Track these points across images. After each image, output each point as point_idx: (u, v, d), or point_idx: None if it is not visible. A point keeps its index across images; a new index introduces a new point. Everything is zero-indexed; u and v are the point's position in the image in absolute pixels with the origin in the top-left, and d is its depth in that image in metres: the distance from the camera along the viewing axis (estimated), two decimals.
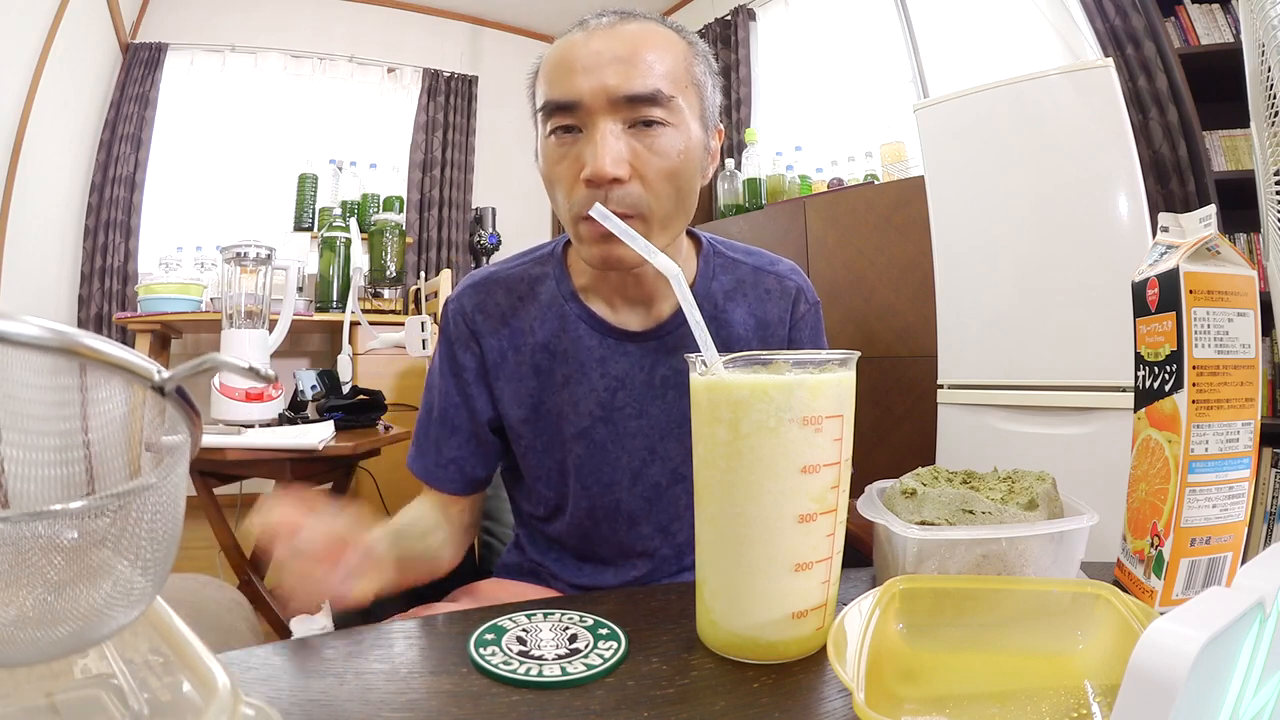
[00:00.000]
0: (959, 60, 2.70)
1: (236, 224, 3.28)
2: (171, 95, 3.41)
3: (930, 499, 0.52)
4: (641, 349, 0.71)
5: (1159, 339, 0.50)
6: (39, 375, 0.27)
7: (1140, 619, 0.39)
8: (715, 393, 0.44)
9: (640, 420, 0.71)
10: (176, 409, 0.30)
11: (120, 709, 0.30)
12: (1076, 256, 1.62)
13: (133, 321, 2.72)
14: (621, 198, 0.60)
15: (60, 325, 0.25)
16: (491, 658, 0.43)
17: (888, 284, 2.26)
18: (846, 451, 0.45)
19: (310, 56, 3.73)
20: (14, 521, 0.25)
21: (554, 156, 0.63)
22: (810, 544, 0.43)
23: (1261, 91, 0.64)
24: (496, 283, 0.74)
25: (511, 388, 0.73)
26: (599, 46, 0.60)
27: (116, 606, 0.28)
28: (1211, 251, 0.48)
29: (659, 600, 0.55)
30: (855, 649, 0.37)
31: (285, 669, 0.43)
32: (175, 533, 0.31)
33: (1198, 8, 2.05)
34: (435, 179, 3.88)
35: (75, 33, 2.79)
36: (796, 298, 0.76)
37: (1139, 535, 0.51)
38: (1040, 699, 0.38)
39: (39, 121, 2.62)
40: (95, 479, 0.29)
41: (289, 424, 1.77)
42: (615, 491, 0.72)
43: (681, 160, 0.62)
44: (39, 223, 2.80)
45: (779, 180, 2.94)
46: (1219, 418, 0.47)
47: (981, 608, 0.43)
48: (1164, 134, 2.02)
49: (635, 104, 0.60)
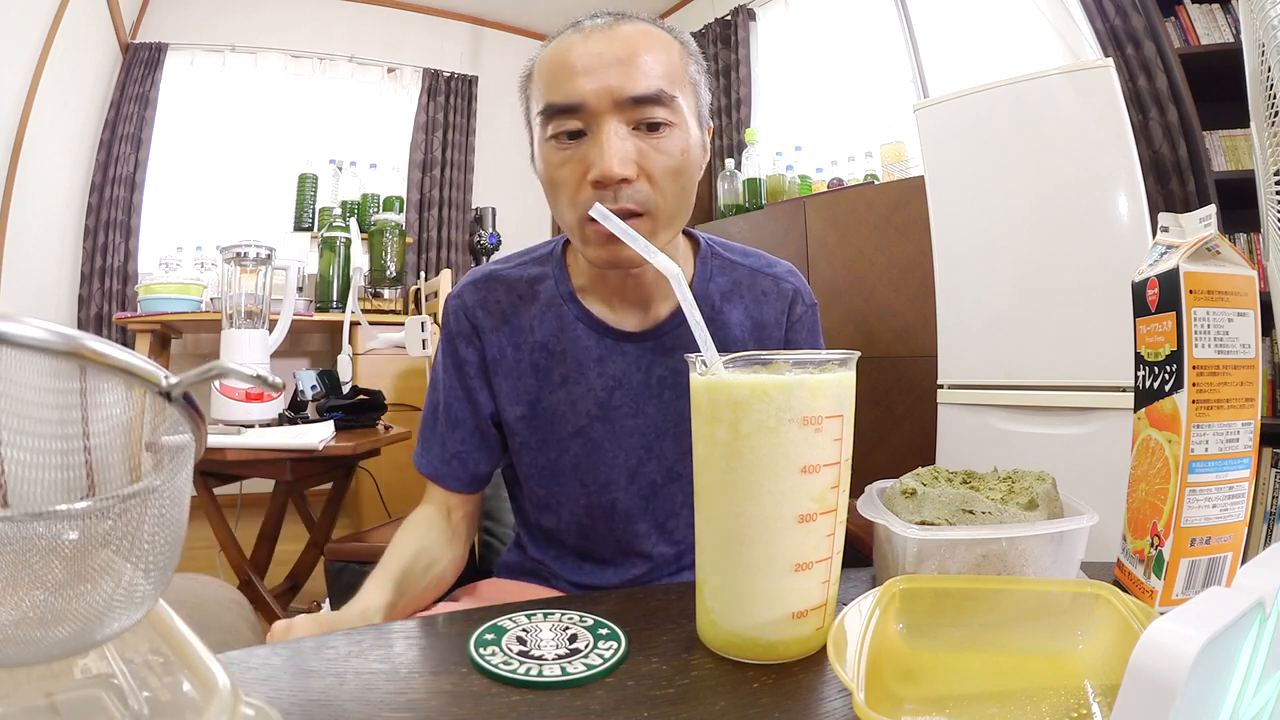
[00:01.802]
0: (959, 60, 2.70)
1: (236, 224, 3.28)
2: (171, 95, 3.42)
3: (930, 499, 0.52)
4: (639, 349, 0.72)
5: (1159, 339, 0.50)
6: (44, 378, 0.27)
7: (1140, 619, 0.39)
8: (715, 393, 0.44)
9: (637, 419, 0.72)
10: (183, 415, 0.30)
11: (120, 709, 0.30)
12: (1076, 256, 1.62)
13: (133, 321, 2.72)
14: (630, 196, 0.60)
15: (67, 329, 0.25)
16: (491, 658, 0.43)
17: (888, 284, 2.26)
18: (846, 451, 0.45)
19: (310, 56, 3.73)
20: (16, 521, 0.26)
21: (556, 160, 0.63)
22: (810, 544, 0.43)
23: (1261, 91, 0.64)
24: (497, 280, 0.75)
25: (510, 385, 0.73)
26: (598, 48, 0.60)
27: (119, 608, 0.28)
28: (1211, 251, 0.48)
29: (659, 600, 0.55)
30: (855, 649, 0.37)
31: (285, 669, 0.43)
32: (179, 535, 0.31)
33: (1198, 8, 2.05)
34: (435, 179, 3.88)
35: (75, 33, 2.79)
36: (793, 300, 0.77)
37: (1139, 535, 0.51)
38: (1040, 699, 0.38)
39: (39, 121, 2.62)
40: (98, 482, 0.29)
41: (289, 424, 1.77)
42: (612, 490, 0.73)
43: (685, 159, 0.63)
44: (39, 223, 2.80)
45: (779, 180, 2.94)
46: (1219, 418, 0.47)
47: (981, 608, 0.43)
48: (1164, 134, 2.02)
49: (639, 105, 0.60)
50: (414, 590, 0.67)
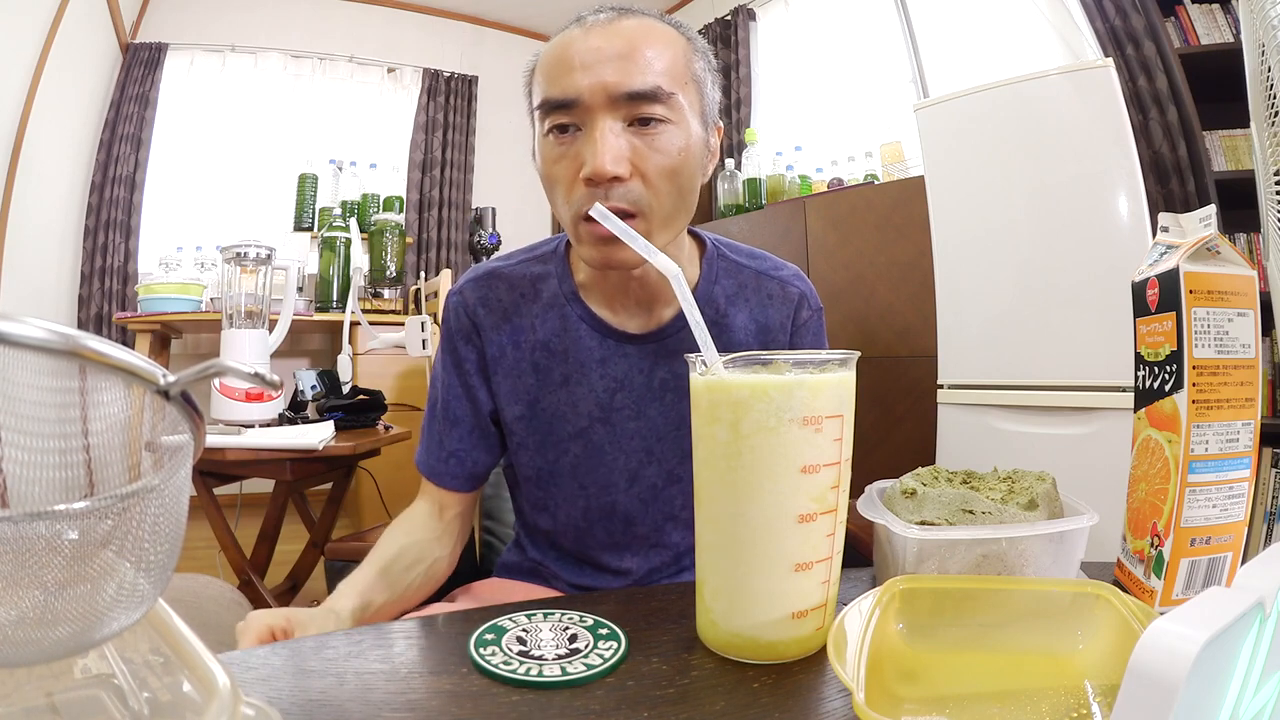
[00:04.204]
0: (959, 60, 2.70)
1: (236, 224, 3.28)
2: (171, 95, 3.42)
3: (930, 499, 0.52)
4: (641, 351, 0.71)
5: (1159, 339, 0.50)
6: (42, 377, 0.27)
7: (1140, 619, 0.39)
8: (715, 393, 0.44)
9: (638, 422, 0.71)
10: (181, 413, 0.30)
11: (120, 709, 0.30)
12: (1076, 256, 1.62)
13: (133, 321, 2.72)
14: (623, 195, 0.59)
15: (66, 328, 0.25)
16: (491, 658, 0.43)
17: (888, 284, 2.26)
18: (846, 451, 0.45)
19: (310, 56, 3.73)
20: (16, 521, 0.25)
21: (552, 155, 0.62)
22: (810, 544, 0.43)
23: (1261, 91, 0.64)
24: (499, 278, 0.74)
25: (509, 384, 0.73)
26: (597, 43, 0.59)
27: (119, 607, 0.28)
28: (1211, 251, 0.48)
29: (659, 600, 0.55)
30: (855, 649, 0.37)
31: (285, 669, 0.43)
32: (178, 535, 0.31)
33: (1198, 8, 2.05)
34: (435, 179, 3.88)
35: (75, 33, 2.79)
36: (799, 304, 0.76)
37: (1139, 535, 0.51)
38: (1040, 699, 0.38)
39: (39, 121, 2.62)
40: (97, 481, 0.29)
41: (289, 424, 1.77)
42: (612, 492, 0.72)
43: (682, 158, 0.61)
44: (39, 223, 2.80)
45: (779, 180, 2.94)
46: (1219, 418, 0.47)
47: (981, 608, 0.43)
48: (1164, 134, 2.02)
49: (635, 101, 0.59)
50: (397, 588, 0.67)
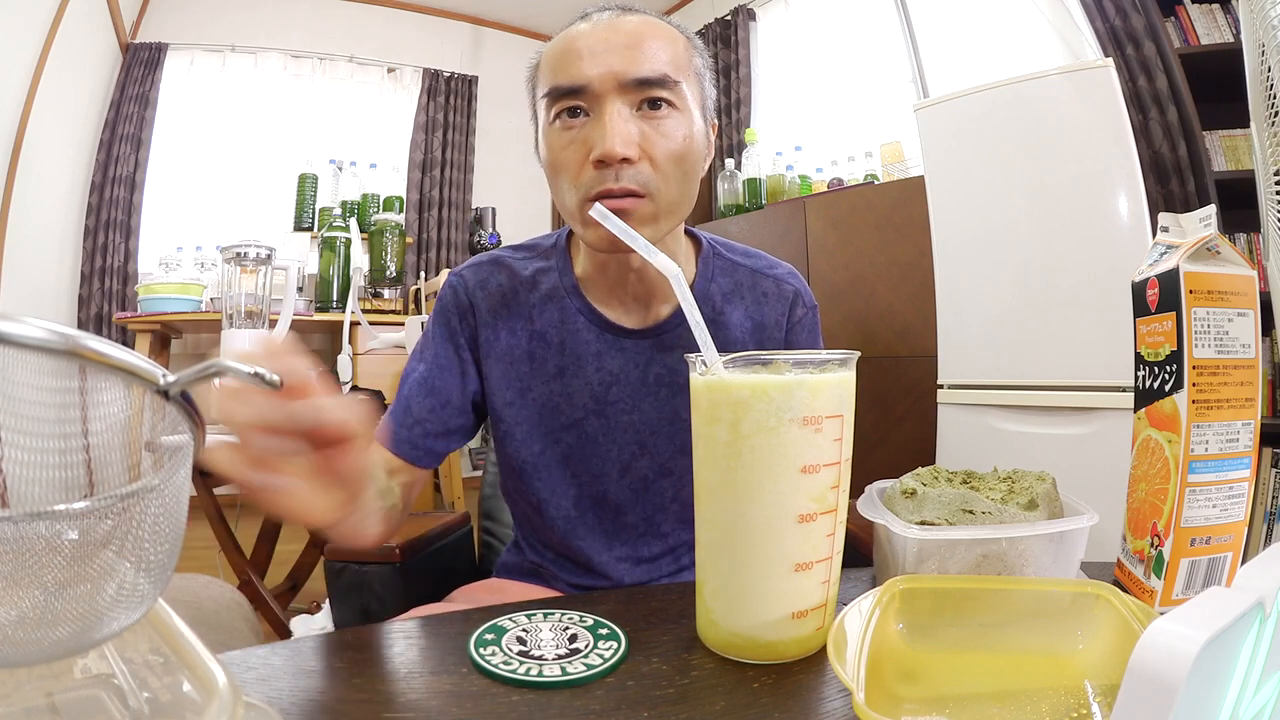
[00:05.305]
0: (959, 60, 2.70)
1: (236, 224, 3.28)
2: (171, 95, 3.42)
3: (930, 499, 0.52)
4: (637, 346, 0.72)
5: (1159, 339, 0.50)
6: (42, 377, 0.27)
7: (1140, 619, 0.39)
8: (715, 393, 0.44)
9: (632, 415, 0.72)
10: (182, 413, 0.30)
11: (120, 709, 0.30)
12: (1076, 256, 1.62)
13: (133, 321, 2.72)
14: (632, 176, 0.61)
15: (66, 328, 0.25)
16: (491, 658, 0.43)
17: (888, 284, 2.26)
18: (846, 451, 0.45)
19: (310, 57, 3.73)
20: (16, 521, 0.25)
21: (560, 142, 0.63)
22: (810, 544, 0.43)
23: (1261, 91, 0.64)
24: (500, 265, 0.75)
25: (500, 369, 0.73)
26: (604, 35, 0.62)
27: (119, 607, 0.28)
28: (1211, 251, 0.48)
29: (659, 600, 0.55)
30: (855, 649, 0.37)
31: (285, 669, 0.43)
32: (178, 535, 0.31)
33: (1198, 8, 2.05)
34: (435, 179, 3.88)
35: (75, 33, 2.79)
36: (794, 301, 0.77)
37: (1139, 535, 0.51)
38: (1040, 699, 0.38)
39: (39, 121, 2.62)
40: (97, 481, 0.29)
41: None
42: (603, 482, 0.73)
43: (687, 144, 0.63)
44: (39, 223, 2.80)
45: (779, 180, 2.94)
46: (1219, 418, 0.47)
47: (981, 608, 0.43)
48: (1164, 134, 2.02)
49: (643, 86, 0.61)
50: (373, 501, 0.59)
